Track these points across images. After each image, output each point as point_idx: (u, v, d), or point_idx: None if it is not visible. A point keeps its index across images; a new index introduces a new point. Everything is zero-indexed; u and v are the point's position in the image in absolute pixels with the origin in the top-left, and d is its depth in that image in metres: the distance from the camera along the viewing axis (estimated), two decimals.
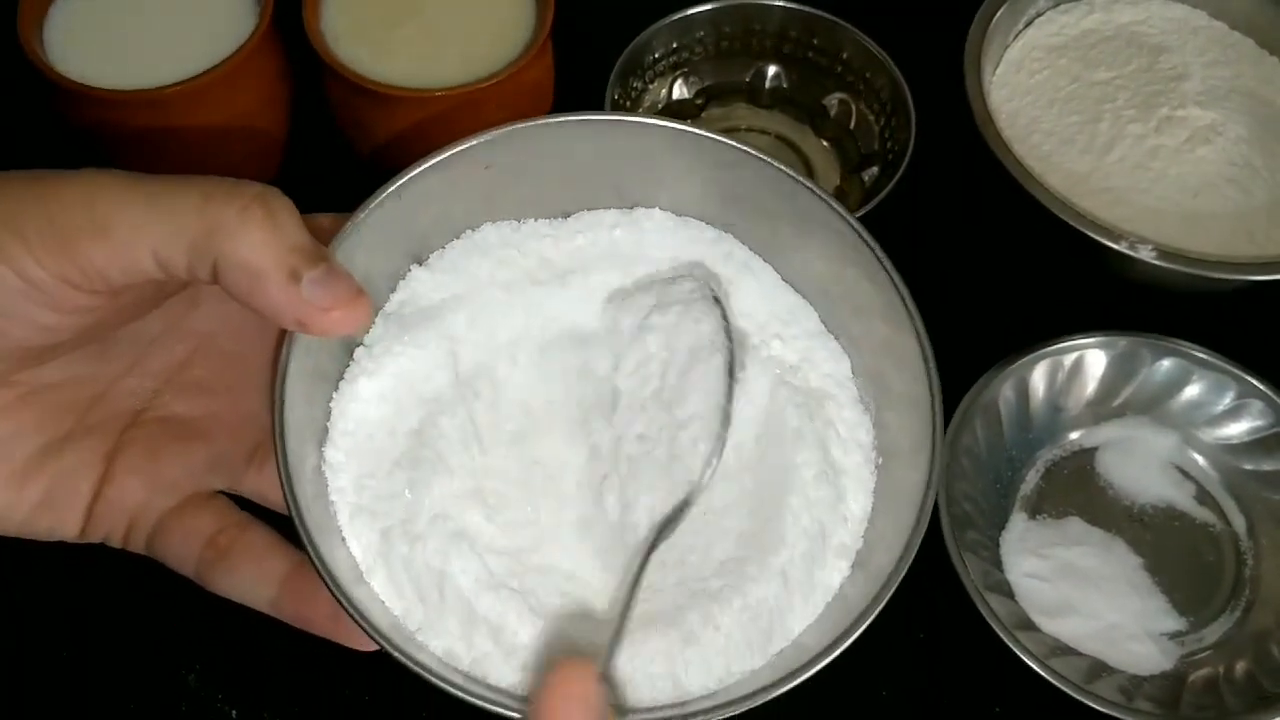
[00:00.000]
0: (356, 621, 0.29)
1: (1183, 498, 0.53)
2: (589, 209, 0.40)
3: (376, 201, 0.35)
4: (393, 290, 0.36)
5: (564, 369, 0.36)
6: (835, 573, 0.34)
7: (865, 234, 0.37)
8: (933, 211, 0.60)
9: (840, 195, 0.60)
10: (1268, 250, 0.53)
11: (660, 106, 0.61)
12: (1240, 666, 0.47)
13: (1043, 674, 0.44)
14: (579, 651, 0.31)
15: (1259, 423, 0.52)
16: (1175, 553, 0.51)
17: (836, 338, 0.38)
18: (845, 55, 0.60)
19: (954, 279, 0.59)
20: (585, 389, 0.36)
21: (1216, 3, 0.61)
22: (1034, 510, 0.52)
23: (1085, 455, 0.53)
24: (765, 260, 0.39)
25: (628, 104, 0.59)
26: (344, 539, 0.32)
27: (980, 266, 0.60)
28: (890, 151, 0.58)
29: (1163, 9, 0.61)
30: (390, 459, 0.33)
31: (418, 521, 0.32)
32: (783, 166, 0.38)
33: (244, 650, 0.48)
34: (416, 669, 0.29)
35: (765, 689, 0.30)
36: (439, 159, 0.36)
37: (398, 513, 0.32)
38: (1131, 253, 0.50)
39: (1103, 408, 0.54)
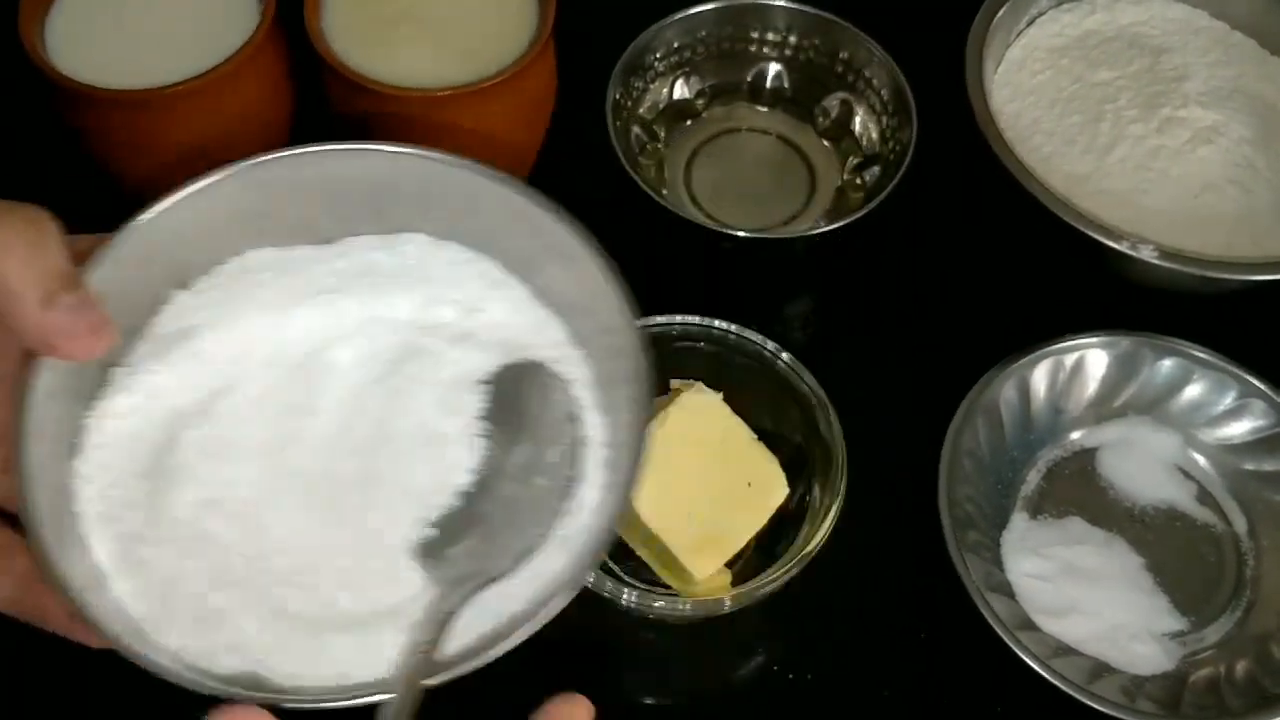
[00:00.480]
0: (86, 620, 0.31)
1: (1184, 498, 0.52)
2: (352, 235, 0.41)
3: (130, 228, 0.36)
4: (154, 313, 0.38)
5: (314, 386, 0.37)
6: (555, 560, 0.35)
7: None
8: (933, 211, 0.60)
9: (841, 195, 0.60)
10: (1269, 250, 0.53)
11: (661, 106, 0.61)
12: (1241, 667, 0.47)
13: (1044, 674, 0.44)
14: (311, 643, 0.33)
15: (1260, 423, 0.52)
16: (1176, 553, 0.51)
17: (582, 348, 0.39)
18: (846, 55, 0.60)
19: (954, 279, 0.59)
20: (338, 403, 0.37)
21: (1218, 3, 0.61)
22: (1035, 510, 0.52)
23: (1086, 455, 0.53)
24: (521, 278, 0.40)
25: (629, 103, 0.59)
26: (89, 545, 0.34)
27: (981, 266, 0.60)
28: (891, 151, 0.58)
29: (1164, 9, 0.61)
30: (136, 471, 0.35)
31: (159, 528, 0.34)
32: (528, 196, 0.39)
33: None
34: (145, 665, 0.31)
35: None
36: (195, 188, 0.37)
37: (139, 520, 0.34)
38: (1133, 253, 0.50)
39: (1104, 408, 0.54)
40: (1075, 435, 0.54)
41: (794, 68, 0.62)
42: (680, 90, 0.62)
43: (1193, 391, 0.53)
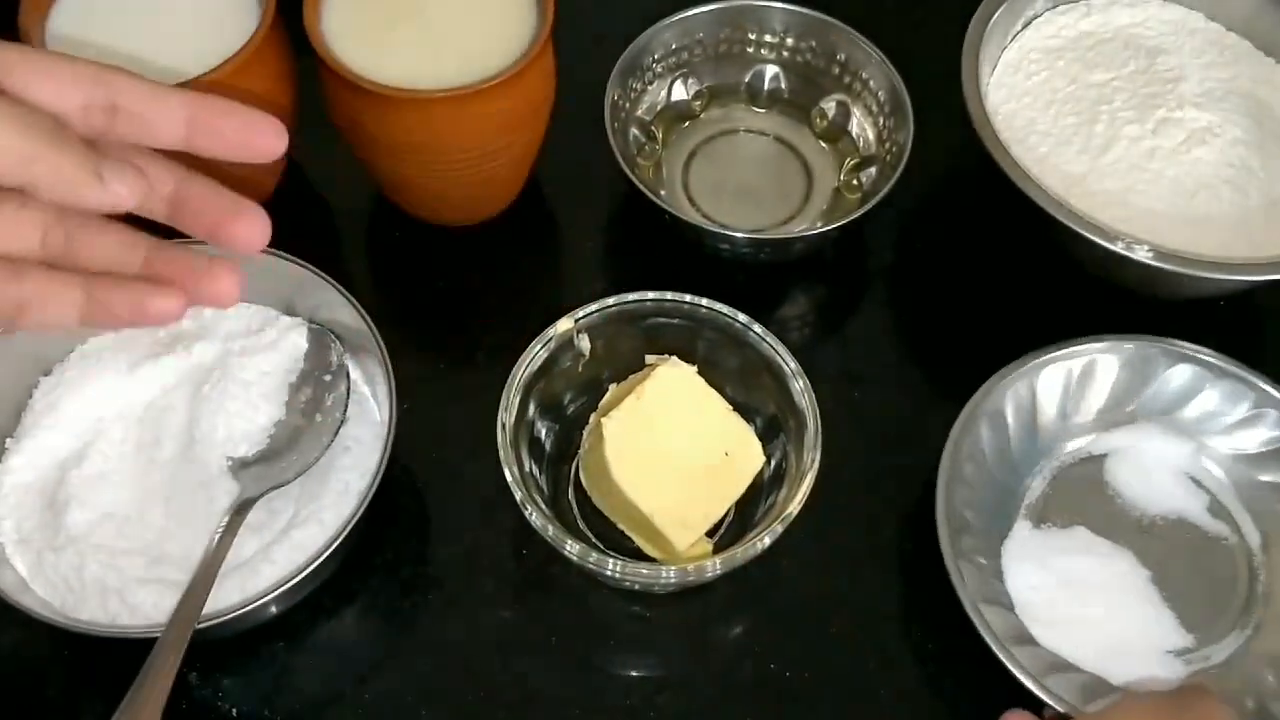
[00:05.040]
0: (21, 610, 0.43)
1: (1195, 509, 0.51)
2: None
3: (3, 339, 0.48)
4: (29, 394, 0.50)
5: (159, 424, 0.49)
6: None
7: None
8: (930, 212, 0.60)
9: (838, 196, 0.60)
10: (1264, 252, 0.53)
11: (659, 107, 0.62)
12: (1247, 686, 0.46)
13: (1037, 692, 0.43)
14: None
15: (1276, 433, 0.51)
16: (1185, 566, 0.49)
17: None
18: (843, 57, 0.60)
19: (950, 280, 0.60)
20: (179, 430, 0.49)
21: (1214, 4, 0.61)
22: (1039, 519, 0.51)
23: (1094, 463, 0.52)
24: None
25: (627, 104, 0.59)
26: (13, 564, 0.46)
27: (976, 268, 0.60)
28: (888, 153, 0.58)
29: (1160, 11, 0.62)
30: (39, 505, 0.48)
31: (59, 540, 0.46)
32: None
33: (244, 650, 0.48)
34: (71, 628, 0.44)
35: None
36: None
37: (46, 539, 0.46)
38: (1128, 253, 0.51)
39: (1113, 414, 0.53)
40: (1083, 442, 0.53)
41: (791, 69, 0.62)
42: (678, 91, 0.62)
43: (1206, 399, 0.52)
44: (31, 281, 0.30)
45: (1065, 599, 0.48)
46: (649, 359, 0.50)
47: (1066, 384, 0.52)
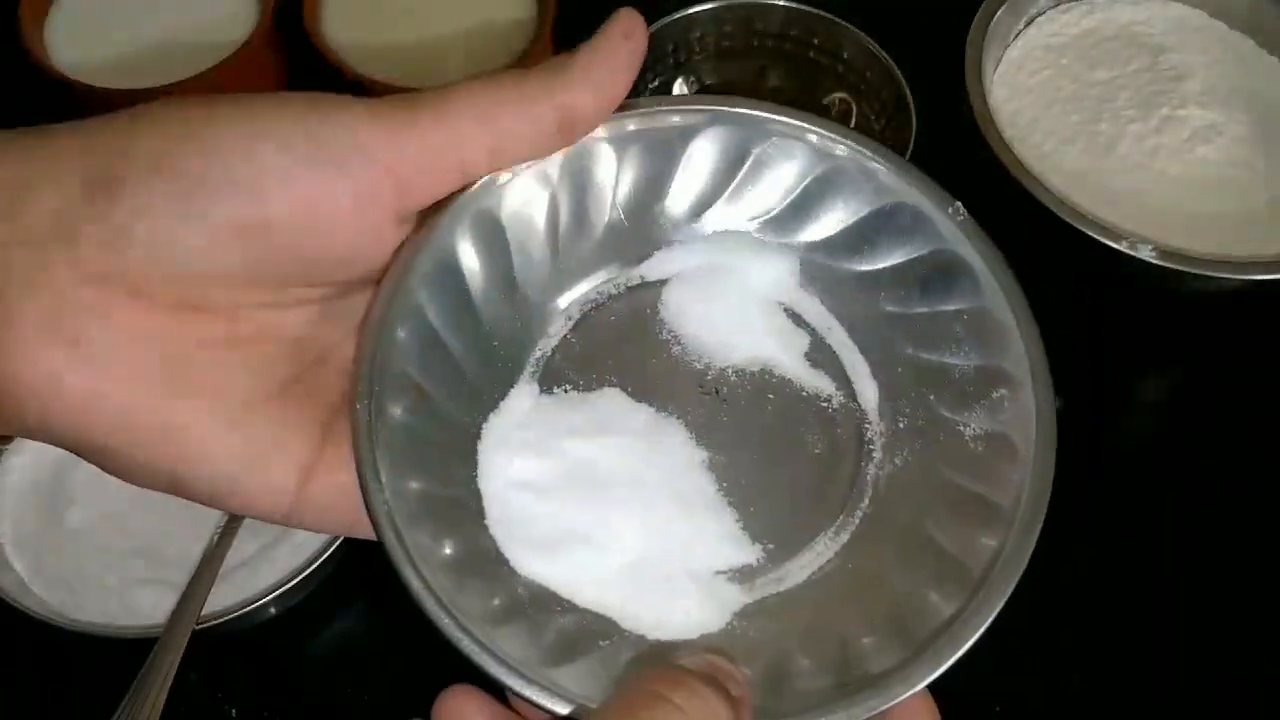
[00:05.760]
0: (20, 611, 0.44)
1: (788, 356, 0.34)
2: None
3: None
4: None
5: None
6: None
7: None
8: None
9: None
10: (1268, 250, 0.53)
11: None
12: (823, 626, 0.30)
13: (481, 661, 0.27)
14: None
15: (911, 245, 0.34)
16: (762, 441, 0.33)
17: None
18: (846, 55, 0.60)
19: None
20: None
21: (1217, 2, 0.61)
22: (551, 380, 0.33)
23: (646, 294, 0.35)
24: None
25: None
26: (12, 565, 0.46)
27: None
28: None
29: (1163, 9, 0.61)
30: (38, 506, 0.48)
31: (58, 541, 0.46)
32: None
33: (244, 650, 0.48)
34: (70, 628, 0.44)
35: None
36: None
37: (46, 539, 0.47)
38: (1132, 252, 0.50)
39: (673, 220, 0.35)
40: (629, 263, 0.35)
41: (794, 67, 0.62)
42: (680, 89, 0.62)
43: (818, 198, 0.34)
44: None
45: (568, 502, 0.31)
46: None
47: (596, 173, 0.33)
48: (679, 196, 0.35)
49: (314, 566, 0.44)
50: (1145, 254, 0.50)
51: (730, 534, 0.32)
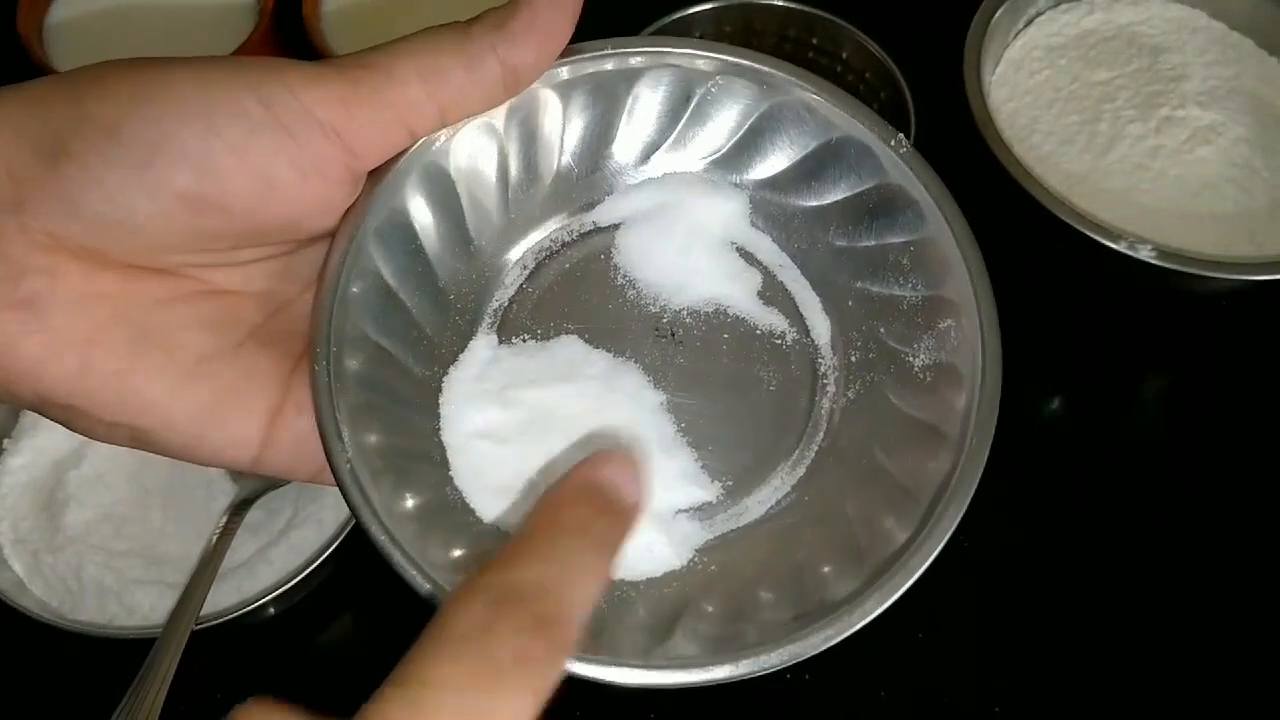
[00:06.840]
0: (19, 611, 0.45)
1: (740, 295, 0.35)
2: None
3: None
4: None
5: None
6: None
7: None
8: None
9: None
10: (1267, 250, 0.53)
11: None
12: (780, 558, 0.31)
13: (417, 579, 0.28)
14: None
15: (856, 179, 0.34)
16: (719, 381, 0.34)
17: None
18: (845, 55, 0.60)
19: None
20: None
21: (1216, 3, 0.61)
22: (509, 331, 0.34)
23: (600, 239, 0.35)
24: None
25: None
26: (10, 565, 0.47)
27: None
28: None
29: (1163, 9, 0.61)
30: (36, 506, 0.48)
31: (57, 541, 0.47)
32: None
33: (243, 650, 0.48)
34: (69, 628, 0.44)
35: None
36: None
37: (44, 539, 0.47)
38: (1131, 253, 0.50)
39: (623, 163, 0.35)
40: (581, 210, 0.36)
41: None
42: None
43: (766, 137, 0.35)
44: None
45: (535, 448, 0.31)
46: None
47: (543, 120, 0.34)
48: (626, 140, 0.35)
49: (313, 567, 0.44)
50: (1145, 254, 0.50)
51: (690, 473, 0.32)
